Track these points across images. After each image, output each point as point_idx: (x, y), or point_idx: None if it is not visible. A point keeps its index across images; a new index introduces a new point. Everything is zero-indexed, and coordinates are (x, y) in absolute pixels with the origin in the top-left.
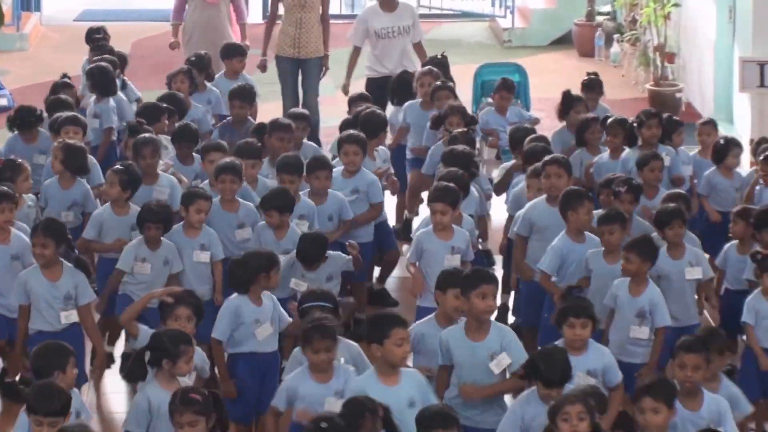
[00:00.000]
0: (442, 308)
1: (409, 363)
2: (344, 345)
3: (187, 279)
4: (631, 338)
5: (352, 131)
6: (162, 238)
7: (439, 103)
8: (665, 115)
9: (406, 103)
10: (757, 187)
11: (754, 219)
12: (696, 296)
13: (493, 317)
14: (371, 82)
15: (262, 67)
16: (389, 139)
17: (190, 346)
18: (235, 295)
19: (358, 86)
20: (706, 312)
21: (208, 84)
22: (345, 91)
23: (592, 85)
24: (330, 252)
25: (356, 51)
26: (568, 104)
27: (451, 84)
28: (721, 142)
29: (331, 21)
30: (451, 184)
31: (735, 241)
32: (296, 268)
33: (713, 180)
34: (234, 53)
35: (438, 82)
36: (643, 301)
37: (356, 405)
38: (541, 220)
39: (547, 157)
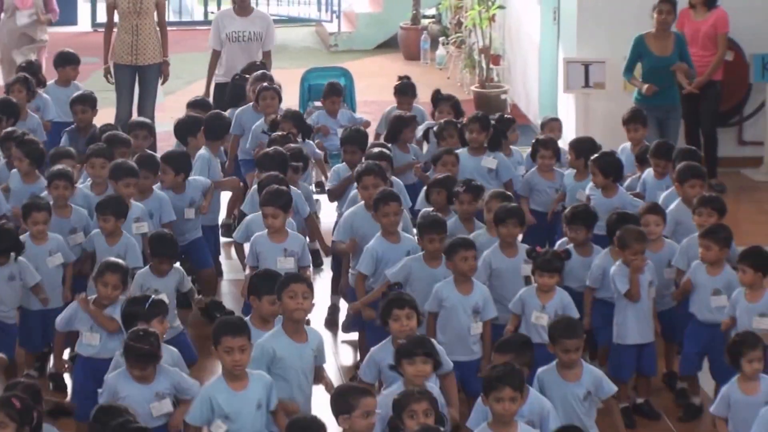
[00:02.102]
0: (257, 312)
1: None
2: (168, 351)
3: (42, 286)
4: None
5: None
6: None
7: (263, 103)
8: (498, 114)
9: (238, 109)
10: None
11: (566, 215)
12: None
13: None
14: (218, 87)
15: (108, 75)
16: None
17: None
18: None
19: (194, 91)
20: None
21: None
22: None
23: (405, 90)
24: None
25: (215, 54)
26: (435, 104)
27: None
28: (533, 141)
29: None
30: (283, 188)
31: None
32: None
33: (532, 180)
34: (68, 61)
35: (265, 84)
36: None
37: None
38: (360, 227)
39: (361, 166)
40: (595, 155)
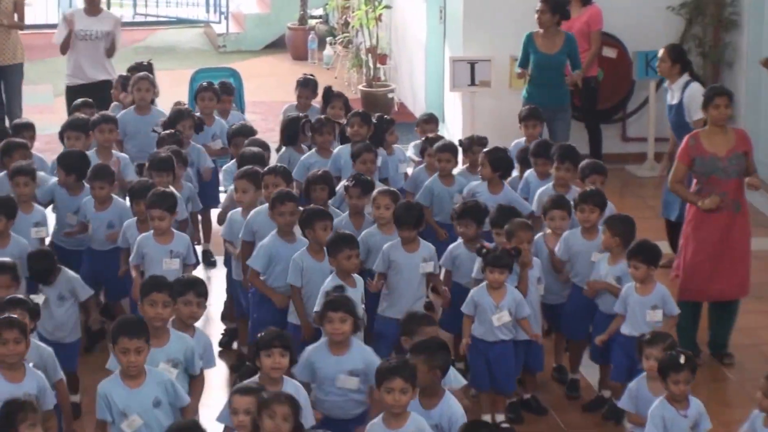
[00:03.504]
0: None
1: None
2: (36, 350)
3: None
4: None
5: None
6: None
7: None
8: (377, 115)
9: (121, 113)
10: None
11: (456, 210)
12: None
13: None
14: (71, 91)
15: None
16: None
17: None
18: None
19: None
20: None
21: None
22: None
23: (307, 83)
24: (65, 269)
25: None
26: (327, 100)
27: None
28: (423, 139)
29: (46, 30)
30: (168, 190)
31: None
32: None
33: (420, 177)
34: None
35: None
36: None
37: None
38: (263, 228)
39: (267, 168)
40: (488, 148)
